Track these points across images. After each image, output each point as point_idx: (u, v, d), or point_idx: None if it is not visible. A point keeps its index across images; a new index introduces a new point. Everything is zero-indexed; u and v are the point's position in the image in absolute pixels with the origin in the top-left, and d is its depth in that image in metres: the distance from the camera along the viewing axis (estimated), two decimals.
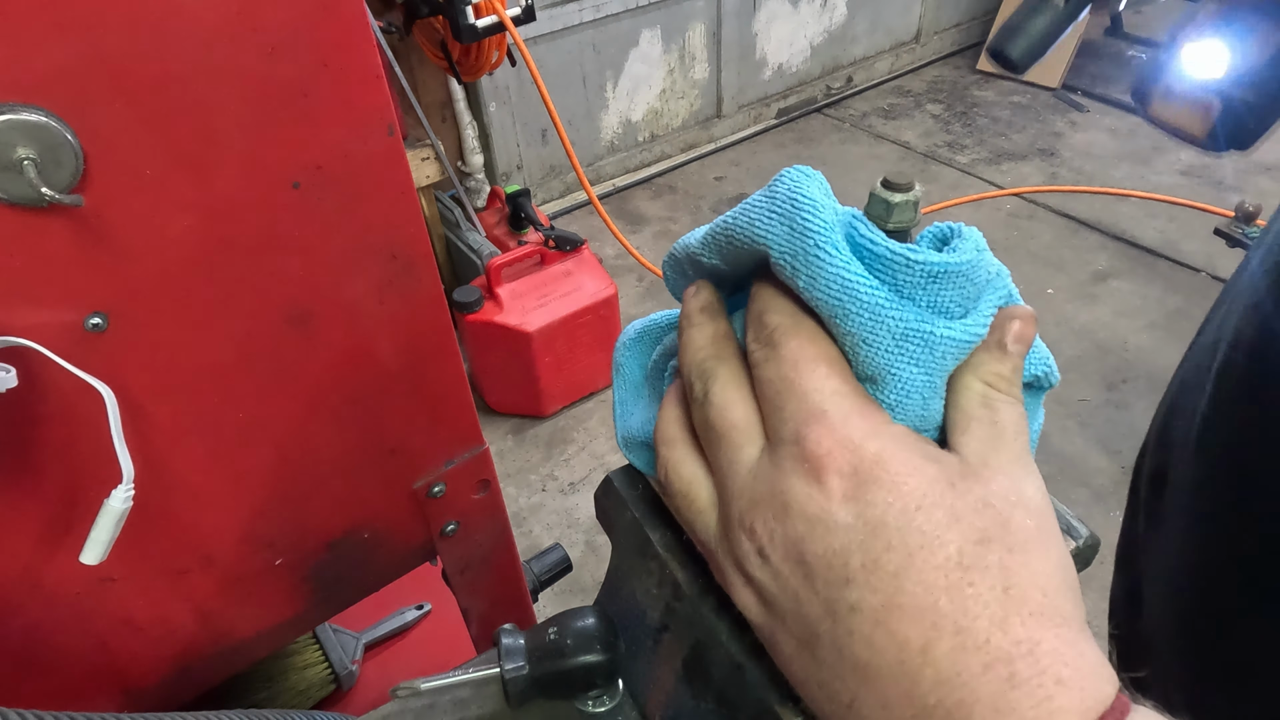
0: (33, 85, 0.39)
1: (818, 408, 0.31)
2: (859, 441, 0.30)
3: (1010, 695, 0.26)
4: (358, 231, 0.54)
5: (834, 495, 0.29)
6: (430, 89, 2.70)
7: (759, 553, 0.31)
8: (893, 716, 0.28)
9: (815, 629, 0.30)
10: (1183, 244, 3.02)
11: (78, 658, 0.58)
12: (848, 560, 0.29)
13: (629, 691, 0.47)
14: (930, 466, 0.30)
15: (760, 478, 0.32)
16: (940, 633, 0.27)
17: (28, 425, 0.47)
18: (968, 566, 0.28)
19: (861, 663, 0.29)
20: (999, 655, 0.27)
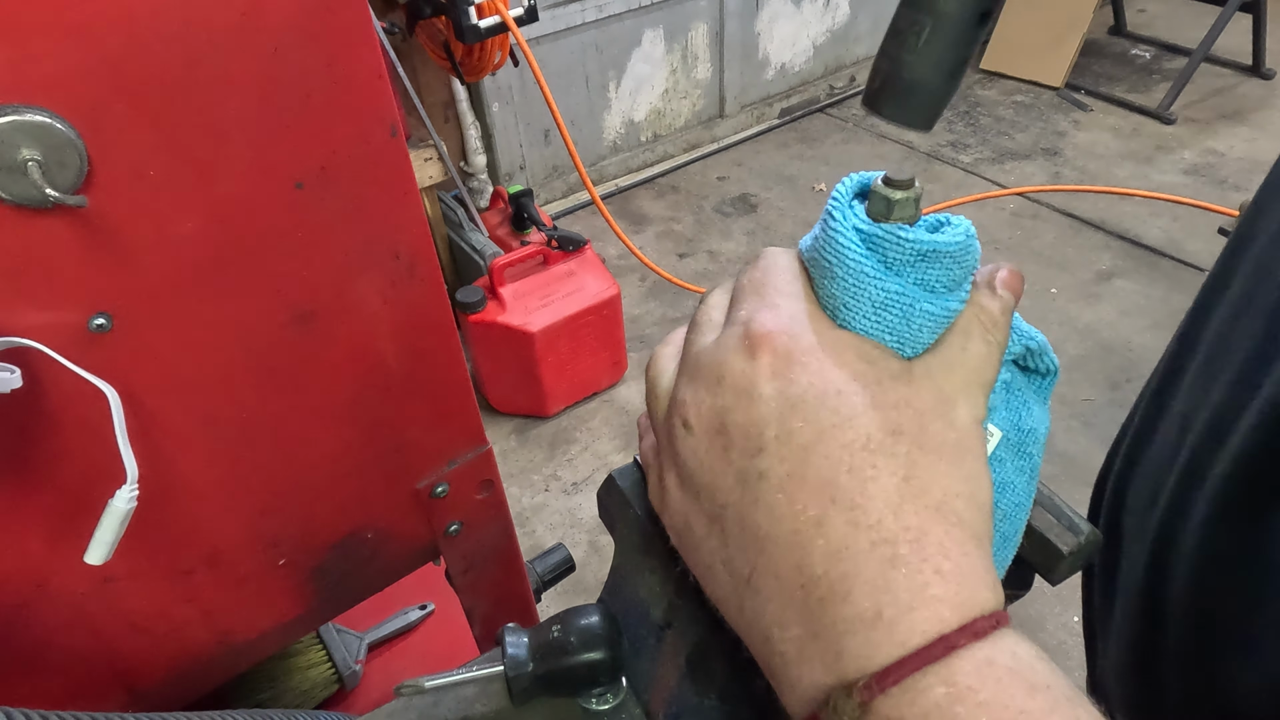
0: (37, 86, 0.39)
1: (772, 302, 0.33)
2: (798, 331, 0.32)
3: (889, 574, 0.27)
4: (361, 232, 0.54)
5: (763, 370, 0.31)
6: (433, 89, 2.70)
7: (684, 423, 0.33)
8: (784, 586, 0.29)
9: (725, 500, 0.32)
10: (1186, 243, 3.02)
11: (82, 658, 0.58)
12: (763, 430, 0.30)
13: (632, 689, 0.47)
14: (862, 364, 0.31)
15: (704, 355, 0.34)
16: (836, 507, 0.29)
17: (32, 426, 0.47)
18: (874, 450, 0.29)
19: (761, 532, 0.30)
20: (886, 536, 0.28)
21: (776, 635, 0.30)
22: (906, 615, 0.27)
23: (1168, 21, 4.56)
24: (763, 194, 3.52)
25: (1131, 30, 4.48)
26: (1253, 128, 3.67)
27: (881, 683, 0.26)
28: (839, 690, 0.27)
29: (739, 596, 0.31)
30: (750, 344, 0.32)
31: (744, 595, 0.31)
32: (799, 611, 0.29)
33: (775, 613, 0.30)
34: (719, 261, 3.13)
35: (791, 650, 0.29)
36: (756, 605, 0.30)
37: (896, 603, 0.27)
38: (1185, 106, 3.79)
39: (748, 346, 0.32)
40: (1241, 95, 3.91)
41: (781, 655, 0.29)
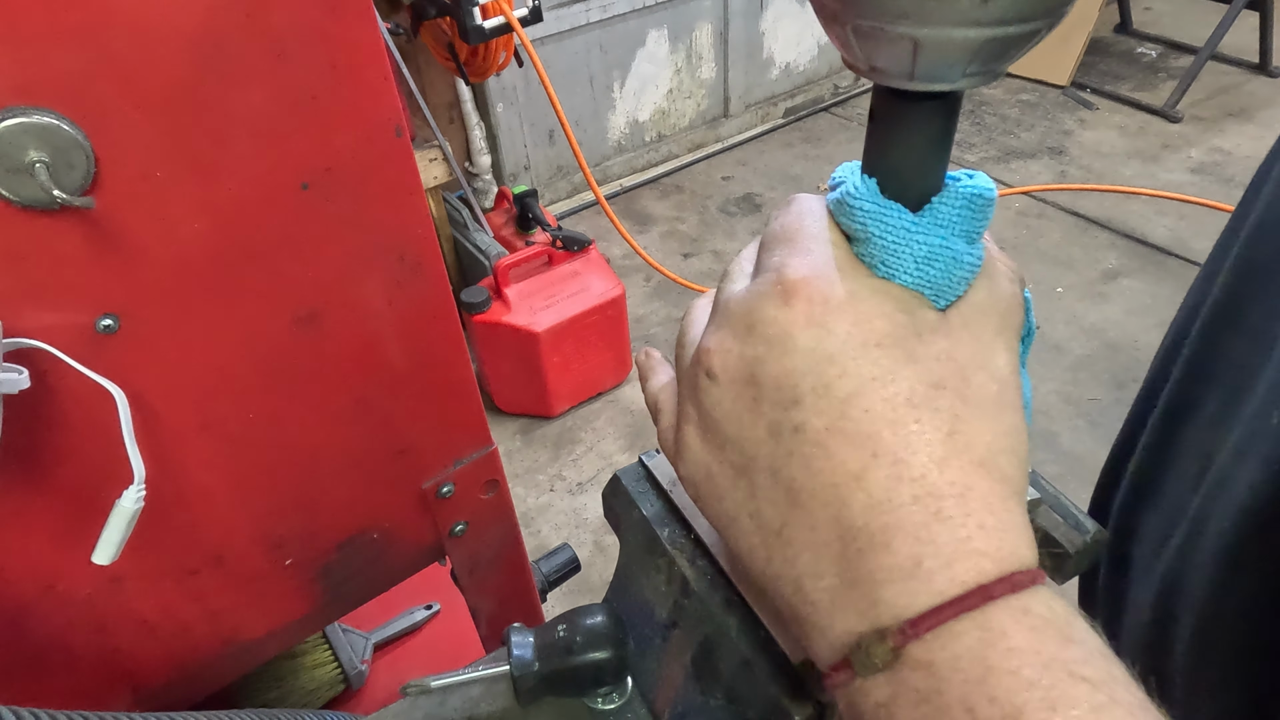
0: (44, 88, 0.39)
1: (805, 249, 0.32)
2: (834, 278, 0.31)
3: (933, 527, 0.27)
4: (366, 232, 0.54)
5: (798, 319, 0.30)
6: (438, 90, 2.70)
7: (708, 373, 0.32)
8: (819, 539, 0.29)
9: (754, 452, 0.31)
10: (1193, 242, 3.01)
11: (89, 657, 0.59)
12: (799, 382, 0.29)
13: (638, 688, 0.47)
14: (900, 315, 0.30)
15: (734, 302, 0.32)
16: (878, 460, 0.28)
17: (40, 426, 0.48)
18: (917, 404, 0.29)
19: (796, 485, 0.30)
20: (930, 490, 0.28)
21: (809, 585, 0.29)
22: (947, 567, 0.27)
23: (1174, 19, 4.54)
24: (767, 194, 3.52)
25: (1137, 28, 4.46)
26: (1260, 125, 3.66)
27: (916, 628, 0.26)
28: (872, 635, 0.27)
29: (767, 548, 0.31)
30: (784, 291, 0.31)
31: (773, 547, 0.31)
32: (834, 562, 0.29)
33: (808, 563, 0.29)
34: (723, 261, 3.13)
35: (825, 599, 0.29)
36: (788, 556, 0.30)
37: (938, 554, 0.27)
38: (1192, 105, 3.78)
39: (781, 293, 0.31)
40: (1248, 93, 3.89)
41: (813, 604, 0.29)
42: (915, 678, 0.26)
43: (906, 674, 0.26)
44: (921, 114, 0.31)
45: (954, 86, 0.29)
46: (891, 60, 0.28)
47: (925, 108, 0.30)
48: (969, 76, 0.28)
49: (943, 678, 0.26)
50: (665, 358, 0.43)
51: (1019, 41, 0.27)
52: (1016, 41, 0.27)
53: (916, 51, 0.27)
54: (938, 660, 0.26)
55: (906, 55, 0.28)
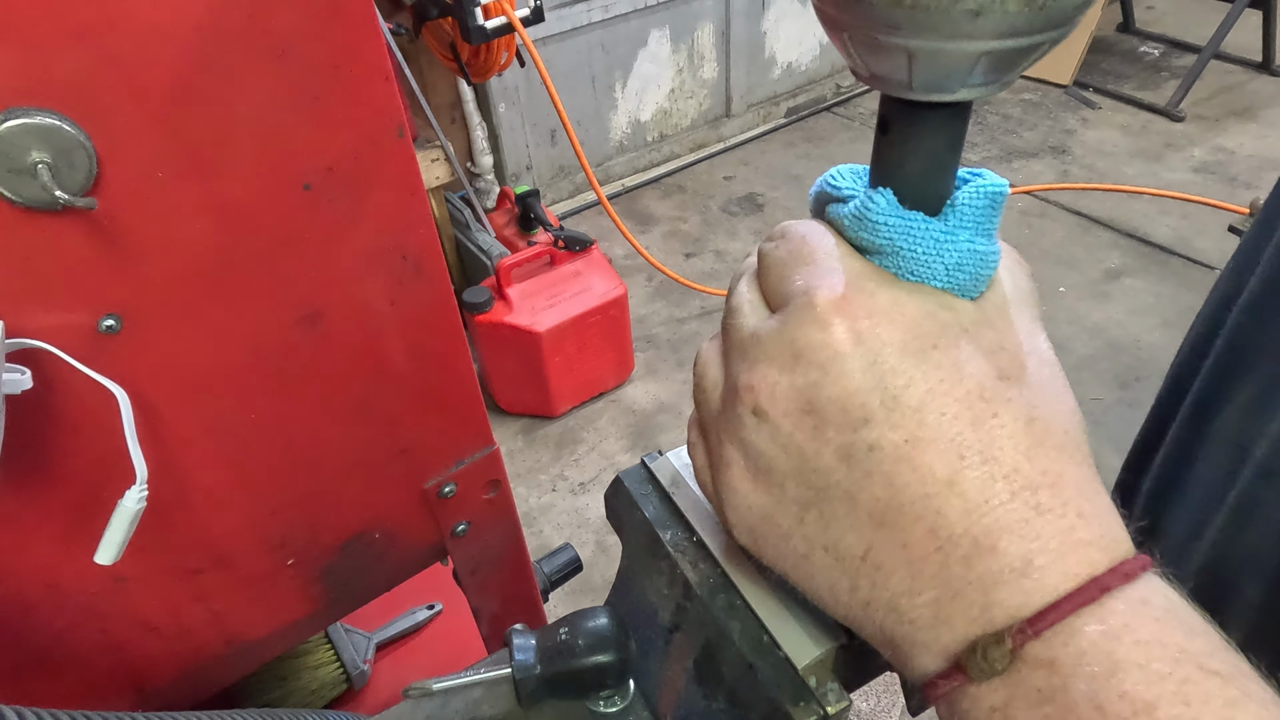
0: (46, 89, 0.39)
1: (828, 267, 0.31)
2: (870, 289, 0.30)
3: (1035, 522, 0.27)
4: (368, 233, 0.54)
5: (844, 337, 0.29)
6: (440, 90, 2.70)
7: (754, 411, 0.31)
8: (913, 555, 0.28)
9: (824, 482, 0.30)
10: (1196, 241, 3.00)
11: (92, 657, 0.59)
12: (865, 400, 0.29)
13: (640, 691, 0.47)
14: (944, 313, 0.30)
15: (764, 337, 0.31)
16: (967, 462, 0.27)
17: (42, 427, 0.48)
18: (989, 399, 0.28)
19: (880, 505, 0.29)
20: (1026, 483, 0.27)
21: (905, 604, 0.29)
22: (1059, 561, 0.26)
23: (1176, 18, 4.54)
24: (769, 193, 3.51)
25: (1140, 27, 4.45)
26: (1263, 125, 3.65)
27: (1035, 626, 0.26)
28: (987, 639, 0.26)
29: (851, 577, 0.30)
30: (822, 313, 0.30)
31: (858, 574, 0.30)
32: (935, 575, 0.28)
33: (902, 583, 0.29)
34: (725, 261, 3.13)
35: (926, 614, 0.28)
36: (877, 580, 0.29)
37: (1046, 549, 0.26)
38: (1195, 104, 3.77)
39: (820, 318, 0.30)
40: (1252, 92, 3.89)
41: (912, 623, 0.29)
42: (1036, 677, 0.26)
43: (1026, 674, 0.26)
44: (932, 123, 0.30)
45: (955, 97, 0.28)
46: (889, 70, 0.28)
47: (935, 117, 0.30)
48: (970, 88, 0.28)
49: (1067, 675, 0.25)
50: None
51: (1017, 55, 0.27)
52: (1014, 55, 0.27)
53: (912, 63, 0.27)
54: (1060, 658, 0.25)
55: (903, 66, 0.28)
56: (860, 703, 1.78)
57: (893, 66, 0.28)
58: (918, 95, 0.29)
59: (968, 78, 0.28)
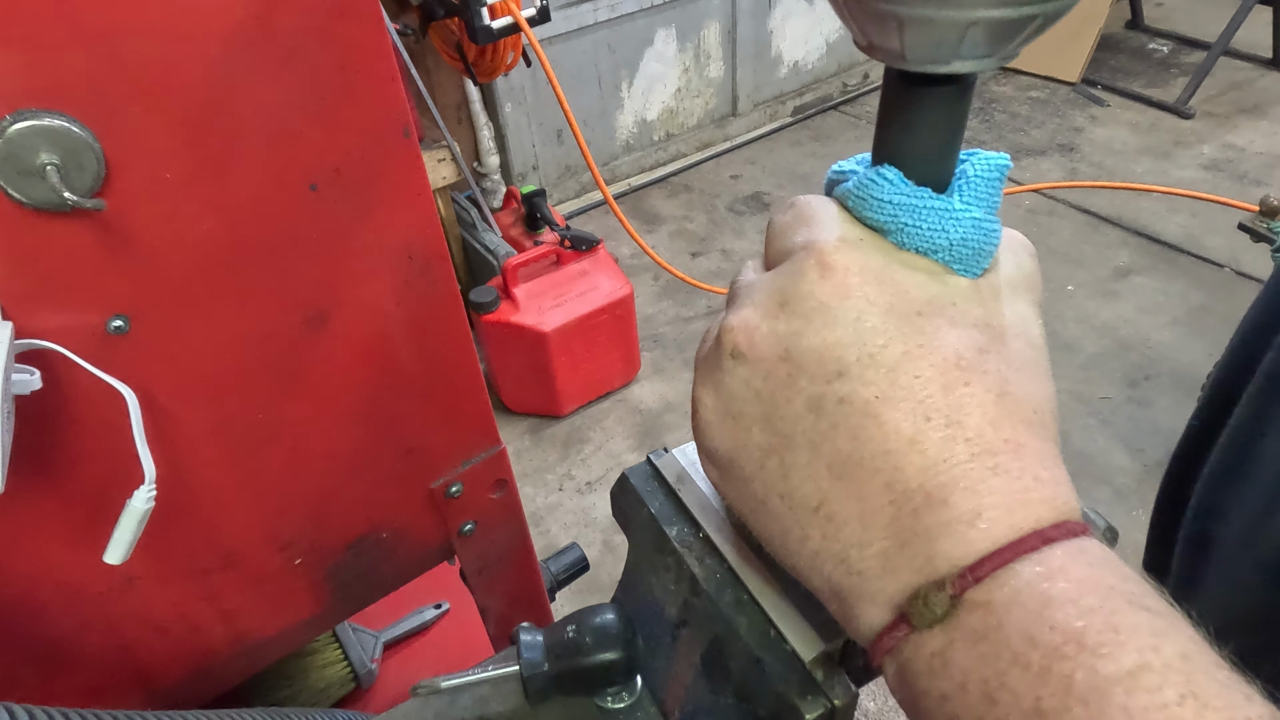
0: (54, 91, 0.39)
1: (830, 229, 0.32)
2: (868, 250, 0.31)
3: (990, 481, 0.27)
4: (375, 233, 0.54)
5: (835, 290, 0.30)
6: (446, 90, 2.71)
7: (732, 353, 0.32)
8: (866, 508, 0.29)
9: (789, 429, 0.30)
10: (1205, 239, 2.99)
11: (101, 656, 0.59)
12: (842, 354, 0.29)
13: (648, 688, 0.47)
14: (935, 284, 0.31)
15: (761, 281, 0.32)
16: (932, 424, 0.28)
17: (51, 427, 0.48)
18: (965, 368, 0.29)
19: (841, 457, 0.29)
20: (987, 447, 0.28)
21: (854, 555, 0.29)
22: (1007, 515, 0.27)
23: (1186, 15, 4.51)
24: (776, 192, 3.51)
25: (1149, 24, 4.43)
26: (1273, 121, 3.63)
27: (975, 573, 0.26)
28: (929, 586, 0.27)
29: (802, 528, 0.31)
30: (819, 264, 0.30)
31: (809, 525, 0.30)
32: (886, 527, 0.29)
33: (853, 534, 0.29)
34: (732, 260, 3.13)
35: (874, 565, 0.29)
36: (828, 531, 0.30)
37: (997, 505, 0.27)
38: (1204, 101, 3.75)
39: (816, 266, 0.30)
40: (1261, 89, 3.86)
41: (860, 574, 0.29)
42: (973, 619, 0.26)
43: (964, 617, 0.27)
44: (929, 98, 0.30)
45: (950, 69, 0.28)
46: (884, 39, 0.28)
47: (933, 92, 0.30)
48: (965, 59, 0.28)
49: (1001, 613, 0.26)
50: None
51: (1010, 26, 0.27)
52: (1006, 26, 0.27)
53: (902, 31, 0.27)
54: (996, 599, 0.26)
55: (894, 34, 0.28)
56: (867, 702, 1.77)
57: (886, 35, 0.28)
58: (911, 66, 0.29)
59: (959, 48, 0.27)
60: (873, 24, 0.28)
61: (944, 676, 0.27)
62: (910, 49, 0.28)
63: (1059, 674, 0.24)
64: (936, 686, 0.27)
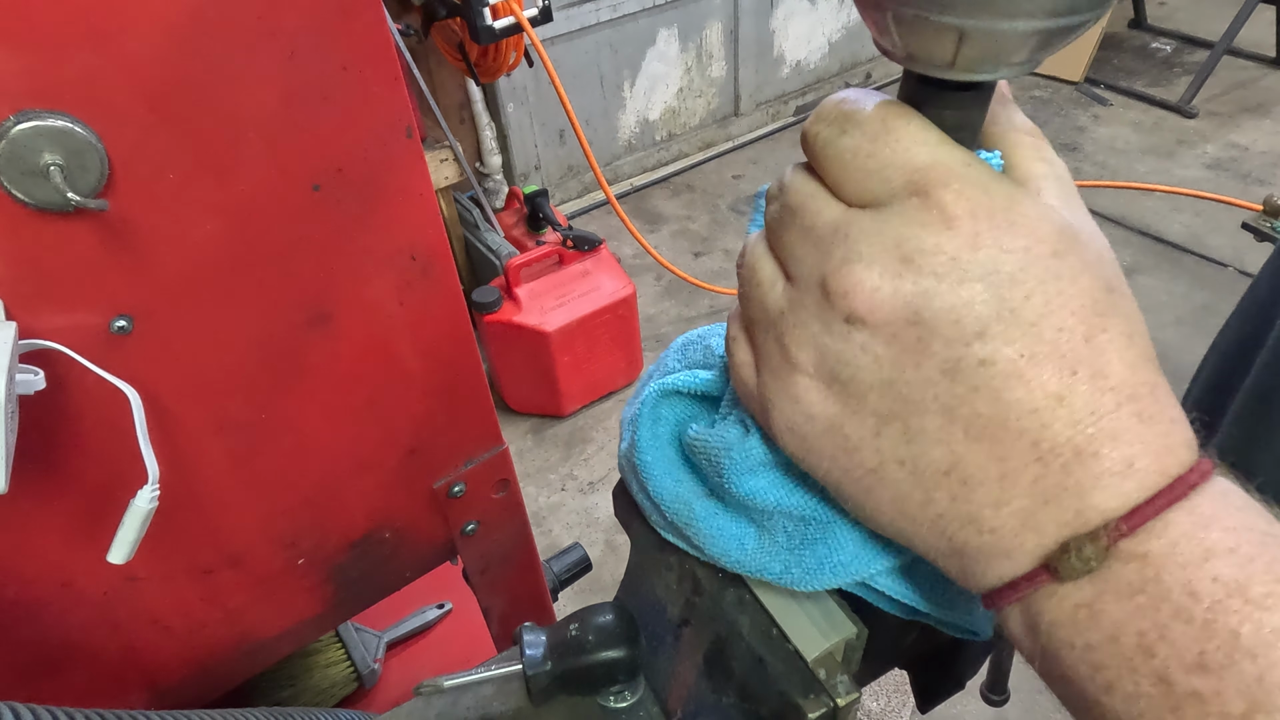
0: (58, 91, 0.40)
1: (930, 156, 0.28)
2: (986, 186, 0.28)
3: (1138, 428, 0.27)
4: (377, 233, 0.54)
5: (966, 242, 0.27)
6: (448, 90, 2.71)
7: (849, 318, 0.28)
8: (1008, 468, 0.28)
9: (918, 395, 0.28)
10: (1209, 238, 2.98)
11: (105, 655, 0.59)
12: (981, 312, 0.27)
13: (650, 687, 0.47)
14: (1055, 215, 0.28)
15: (855, 234, 0.28)
16: (1078, 377, 0.27)
17: (55, 426, 0.48)
18: (1102, 312, 0.28)
19: (981, 420, 0.28)
20: (1131, 394, 0.27)
21: (988, 515, 0.28)
22: (1156, 462, 0.26)
23: (1189, 14, 4.50)
24: None
25: (1152, 23, 4.42)
26: (1276, 121, 3.62)
27: (1130, 523, 0.26)
28: (1080, 539, 0.27)
29: (925, 491, 0.29)
30: (941, 214, 0.27)
31: (935, 489, 0.29)
32: (1029, 485, 0.27)
33: (989, 495, 0.28)
34: (734, 260, 3.13)
35: (1012, 523, 0.28)
36: (959, 494, 0.29)
37: (1146, 452, 0.27)
38: (1207, 100, 3.74)
39: (937, 218, 0.27)
40: (1265, 88, 3.85)
41: (994, 531, 0.28)
42: (1128, 571, 0.26)
43: (1117, 569, 0.26)
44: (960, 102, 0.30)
45: (994, 76, 0.28)
46: (933, 50, 0.28)
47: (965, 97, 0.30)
48: (1011, 66, 0.28)
49: (1160, 565, 0.25)
50: None
51: (1064, 33, 0.27)
52: (1063, 33, 0.27)
53: (961, 42, 0.27)
54: (1153, 550, 0.26)
55: (950, 46, 0.27)
56: (871, 703, 1.77)
57: (938, 47, 0.27)
58: (956, 75, 0.28)
59: (1012, 56, 0.27)
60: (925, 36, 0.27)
61: (1091, 628, 0.27)
62: (963, 58, 0.27)
63: (1224, 627, 0.24)
64: (1082, 637, 0.27)
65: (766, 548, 0.37)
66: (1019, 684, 0.53)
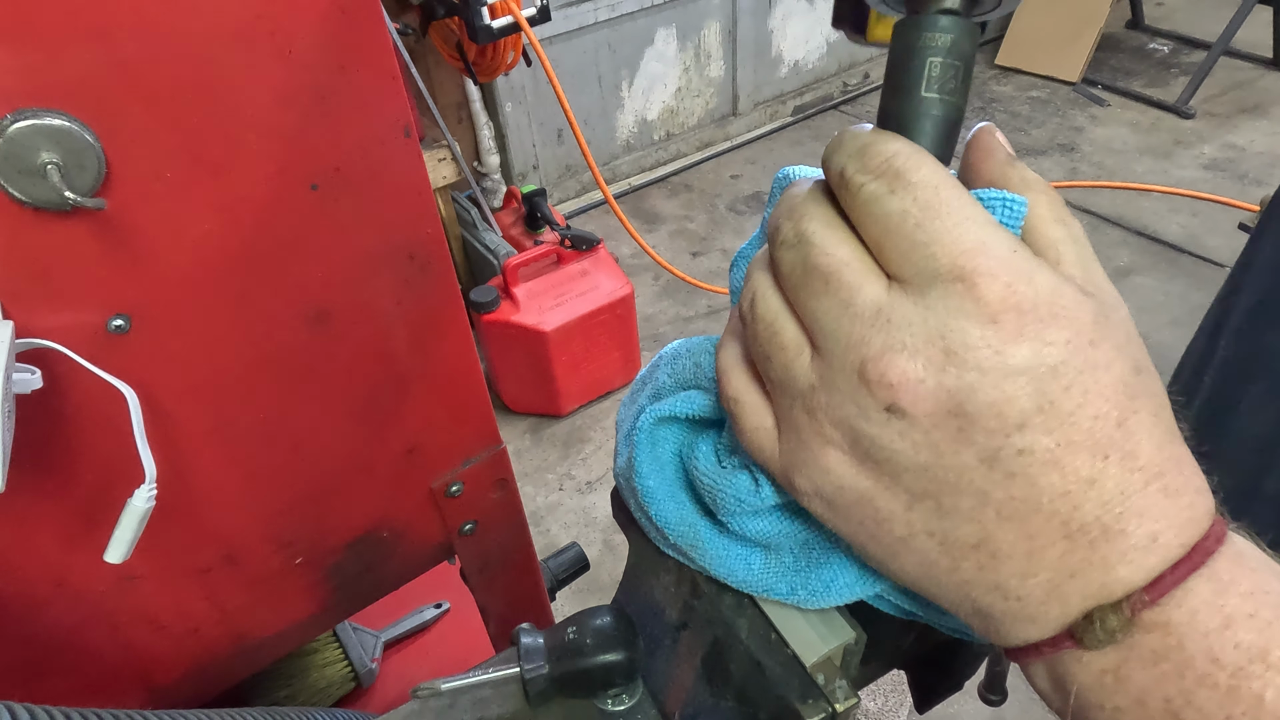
0: (56, 90, 0.39)
1: (977, 238, 0.27)
2: (1030, 274, 0.27)
3: (1164, 503, 0.27)
4: (375, 232, 0.54)
5: (1011, 336, 0.27)
6: (446, 90, 2.71)
7: (889, 408, 0.28)
8: (1036, 546, 0.28)
9: (954, 480, 0.28)
10: (1206, 239, 2.99)
11: (102, 655, 0.59)
12: (1023, 405, 0.27)
13: (648, 690, 0.47)
14: (1089, 299, 0.28)
15: (899, 322, 0.28)
16: (1109, 461, 0.27)
17: (52, 426, 0.48)
18: (1133, 395, 0.28)
19: (1014, 503, 0.28)
20: (1158, 471, 0.28)
21: (1014, 584, 0.29)
22: (1178, 535, 0.27)
23: (1186, 14, 4.51)
24: None
25: (1149, 24, 4.43)
26: (1273, 121, 3.63)
27: (1152, 594, 0.27)
28: (1104, 610, 0.27)
29: (953, 560, 0.30)
30: (986, 307, 0.27)
31: (962, 559, 0.29)
32: (1055, 560, 0.28)
33: (1016, 567, 0.29)
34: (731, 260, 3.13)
35: (1037, 593, 0.29)
36: (986, 564, 0.29)
37: (1170, 526, 0.27)
38: (1204, 100, 3.75)
39: (981, 310, 0.27)
40: (1262, 89, 3.86)
41: (1019, 599, 0.29)
42: (1150, 639, 0.27)
43: (1140, 637, 0.27)
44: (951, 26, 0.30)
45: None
46: None
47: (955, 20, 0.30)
48: None
49: (1182, 634, 0.26)
50: None
51: None
52: None
53: None
54: (1174, 619, 0.26)
55: None
56: (868, 702, 1.77)
57: None
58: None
59: None
60: None
61: (1118, 692, 0.27)
62: None
63: (1249, 692, 0.25)
64: (1110, 701, 0.28)
65: (773, 568, 0.38)
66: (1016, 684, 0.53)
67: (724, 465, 0.37)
